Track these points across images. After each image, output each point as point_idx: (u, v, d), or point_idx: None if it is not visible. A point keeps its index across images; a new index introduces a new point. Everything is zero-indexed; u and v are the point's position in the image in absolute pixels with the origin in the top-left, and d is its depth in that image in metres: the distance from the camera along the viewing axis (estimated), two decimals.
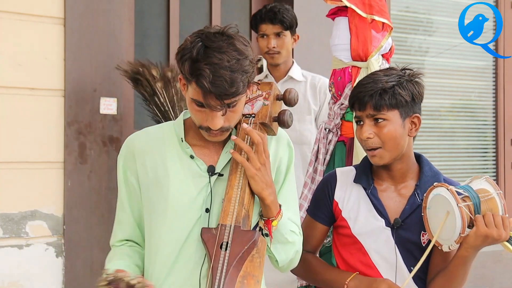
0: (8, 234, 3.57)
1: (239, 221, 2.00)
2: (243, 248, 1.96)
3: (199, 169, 2.10)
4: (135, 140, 2.17)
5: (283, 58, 3.79)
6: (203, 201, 2.07)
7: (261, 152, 2.04)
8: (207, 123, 2.00)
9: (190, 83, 1.97)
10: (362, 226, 2.38)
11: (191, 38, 1.98)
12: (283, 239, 2.13)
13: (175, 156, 2.11)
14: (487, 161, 6.00)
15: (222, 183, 2.09)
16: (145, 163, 2.12)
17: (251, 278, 1.97)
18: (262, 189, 2.04)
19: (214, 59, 1.92)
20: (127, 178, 2.16)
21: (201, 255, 2.05)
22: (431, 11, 5.75)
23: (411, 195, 2.38)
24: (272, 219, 2.07)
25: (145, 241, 2.16)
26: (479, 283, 5.55)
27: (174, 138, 2.14)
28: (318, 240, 2.52)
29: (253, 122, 2.10)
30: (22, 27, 3.63)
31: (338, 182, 2.46)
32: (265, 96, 2.11)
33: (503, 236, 2.17)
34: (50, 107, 3.70)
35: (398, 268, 2.34)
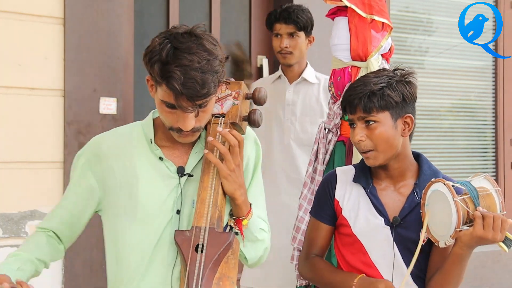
0: (7, 234, 3.57)
1: (213, 222, 1.99)
2: (218, 250, 1.95)
3: (169, 170, 2.08)
4: (102, 142, 2.13)
5: (296, 59, 3.77)
6: (174, 203, 2.06)
7: (237, 153, 2.03)
8: (179, 124, 1.98)
9: (160, 85, 1.95)
10: (362, 225, 2.38)
11: (159, 40, 1.96)
12: (253, 237, 2.14)
13: (143, 158, 2.08)
14: (486, 161, 6.00)
15: (192, 184, 2.07)
16: (113, 165, 2.08)
17: (226, 280, 1.97)
18: (235, 189, 2.03)
19: (184, 61, 1.90)
20: (85, 177, 2.11)
21: (173, 257, 2.04)
22: (430, 11, 5.75)
23: (410, 194, 2.38)
24: (243, 218, 2.07)
25: (107, 245, 2.13)
26: (479, 283, 5.55)
27: (143, 139, 2.11)
28: (324, 241, 2.51)
29: (223, 122, 2.09)
30: (22, 27, 3.63)
31: (338, 181, 2.47)
32: (234, 96, 2.11)
33: (498, 238, 2.17)
34: (50, 107, 3.70)
35: (397, 266, 2.35)
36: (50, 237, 2.15)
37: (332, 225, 2.49)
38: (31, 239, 2.15)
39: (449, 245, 2.26)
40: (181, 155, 2.11)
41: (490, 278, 5.64)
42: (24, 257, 2.07)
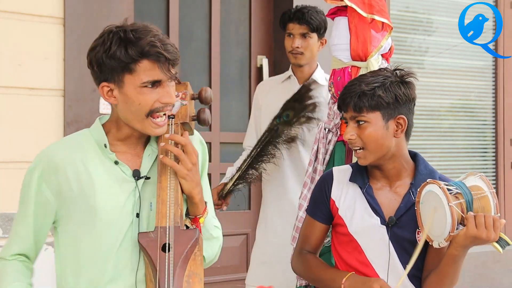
0: (7, 233, 3.57)
1: (176, 221, 1.99)
2: (186, 248, 1.96)
3: (124, 174, 2.06)
4: (54, 153, 2.09)
5: (306, 59, 3.78)
6: (133, 207, 2.05)
7: (191, 152, 2.04)
8: (164, 100, 2.00)
9: (135, 68, 1.97)
10: (358, 225, 2.39)
11: (106, 35, 2.00)
12: (209, 235, 2.15)
13: (98, 164, 2.06)
14: (486, 161, 6.00)
15: (148, 187, 2.07)
16: (68, 175, 2.05)
17: (195, 277, 1.97)
18: (193, 188, 2.04)
19: (153, 32, 1.97)
20: (41, 191, 2.06)
21: (136, 261, 2.03)
22: (430, 11, 5.76)
23: (406, 193, 2.39)
24: (200, 217, 2.07)
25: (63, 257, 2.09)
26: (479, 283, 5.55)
27: (94, 146, 2.08)
28: (318, 239, 2.52)
29: (174, 123, 2.09)
30: (21, 27, 3.63)
31: (335, 181, 2.47)
32: (181, 97, 2.11)
33: (492, 237, 2.17)
34: (50, 107, 3.70)
35: (392, 266, 2.35)
36: (23, 261, 2.12)
37: (327, 224, 2.50)
38: (9, 269, 2.10)
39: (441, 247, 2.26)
40: (134, 159, 2.10)
41: (490, 278, 5.65)
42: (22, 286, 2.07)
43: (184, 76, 4.48)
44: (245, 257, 4.73)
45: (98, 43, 2.02)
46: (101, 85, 2.03)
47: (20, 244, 2.12)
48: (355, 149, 2.40)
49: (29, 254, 2.13)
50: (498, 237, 2.18)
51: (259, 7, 4.84)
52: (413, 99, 2.41)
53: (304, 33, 3.74)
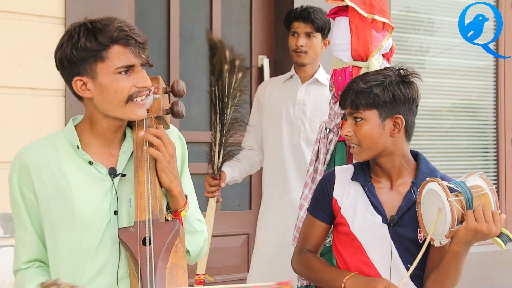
0: (8, 233, 3.57)
1: (156, 214, 1.99)
2: (166, 239, 1.95)
3: (100, 173, 2.06)
4: (28, 154, 2.09)
5: (310, 59, 3.80)
6: (110, 205, 2.05)
7: (168, 144, 2.05)
8: (139, 84, 2.01)
9: (106, 55, 1.98)
10: (360, 223, 2.40)
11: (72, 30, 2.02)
12: (192, 229, 2.15)
13: (72, 165, 2.06)
14: (488, 161, 6.00)
15: (125, 184, 2.07)
16: (42, 176, 2.06)
17: (178, 269, 1.97)
18: (171, 181, 2.05)
19: (118, 19, 2.01)
20: (24, 194, 2.08)
21: (116, 258, 2.03)
22: (431, 11, 5.75)
23: (407, 192, 2.40)
24: (181, 210, 2.08)
25: (49, 256, 2.10)
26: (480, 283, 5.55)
27: (68, 146, 2.08)
28: (319, 238, 2.53)
29: (147, 117, 2.10)
30: (22, 27, 3.63)
31: (337, 180, 2.49)
32: (154, 91, 2.11)
33: (493, 231, 2.17)
34: (51, 107, 3.70)
35: (394, 265, 2.36)
36: (38, 267, 2.13)
37: (328, 224, 2.50)
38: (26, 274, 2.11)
39: (447, 244, 2.26)
40: (109, 157, 2.10)
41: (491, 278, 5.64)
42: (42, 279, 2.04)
43: (184, 76, 4.48)
44: (246, 257, 4.73)
45: (64, 40, 2.03)
46: (73, 80, 2.04)
47: (27, 250, 2.12)
48: (351, 145, 2.43)
49: (42, 259, 2.13)
50: (499, 231, 2.18)
51: (260, 7, 4.84)
52: (414, 99, 2.42)
53: (308, 33, 3.76)
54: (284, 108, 3.83)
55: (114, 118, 2.05)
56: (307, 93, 3.82)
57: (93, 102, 2.05)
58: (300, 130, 3.78)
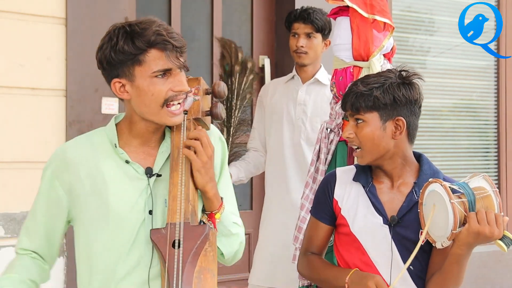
0: (9, 233, 3.57)
1: (187, 217, 1.99)
2: (195, 243, 1.95)
3: (136, 172, 2.07)
4: (67, 151, 2.12)
5: (310, 59, 3.81)
6: (145, 204, 2.06)
7: (206, 144, 2.05)
8: (176, 88, 2.01)
9: (144, 59, 1.99)
10: (361, 224, 2.39)
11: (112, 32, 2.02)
12: (227, 232, 2.14)
13: (110, 163, 2.08)
14: (489, 160, 6.00)
15: (162, 184, 2.08)
16: (80, 173, 2.08)
17: (207, 273, 1.97)
18: (206, 182, 2.04)
19: (157, 22, 2.01)
20: (54, 188, 2.10)
21: (149, 258, 2.04)
22: (432, 11, 5.75)
23: (409, 193, 2.39)
24: (215, 212, 2.07)
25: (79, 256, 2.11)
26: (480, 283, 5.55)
27: (107, 144, 2.11)
28: (322, 240, 2.52)
29: (186, 119, 2.10)
30: (23, 27, 3.63)
31: (338, 181, 2.48)
32: (194, 92, 2.11)
33: (495, 233, 2.16)
34: (52, 107, 3.71)
35: (395, 265, 2.35)
36: (34, 258, 2.15)
37: (331, 225, 2.50)
38: (16, 262, 2.14)
39: (449, 246, 2.26)
40: (147, 157, 2.11)
41: (491, 278, 5.64)
42: (16, 278, 2.08)
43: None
44: (247, 257, 4.73)
45: (105, 41, 2.03)
46: (112, 81, 2.05)
47: (30, 238, 2.15)
48: (354, 147, 2.42)
49: (42, 253, 2.15)
50: (502, 234, 2.17)
51: (260, 8, 4.84)
52: (415, 101, 2.40)
53: (309, 33, 3.77)
54: (285, 108, 3.84)
55: (151, 121, 2.07)
56: (308, 93, 3.82)
57: (131, 103, 2.07)
58: (301, 130, 3.78)
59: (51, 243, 2.15)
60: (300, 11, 3.81)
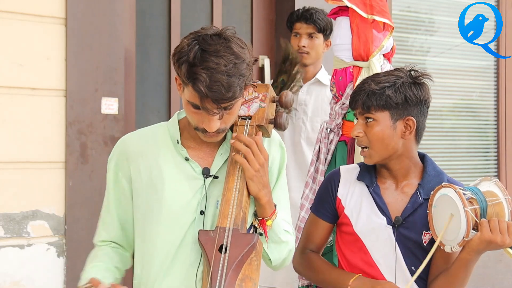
0: (9, 234, 3.57)
1: (237, 223, 1.99)
2: (242, 251, 1.96)
3: (194, 171, 2.09)
4: (128, 142, 2.16)
5: (312, 59, 3.81)
6: (198, 204, 2.07)
7: (258, 153, 2.04)
8: (204, 125, 2.00)
9: (186, 86, 1.97)
10: (364, 224, 2.38)
11: (188, 41, 1.99)
12: (277, 239, 2.13)
13: (169, 158, 2.10)
14: (488, 161, 5.99)
15: (217, 186, 2.09)
16: (139, 165, 2.11)
17: (249, 281, 1.97)
18: (260, 189, 2.05)
19: (211, 63, 1.92)
20: (118, 179, 2.15)
21: (196, 257, 2.05)
22: (432, 11, 5.75)
23: (413, 194, 2.38)
24: (267, 219, 2.08)
25: (136, 245, 2.16)
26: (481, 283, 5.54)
27: (168, 139, 2.13)
28: (321, 238, 2.51)
29: (249, 124, 2.10)
30: (23, 27, 3.63)
31: (342, 179, 2.47)
32: (261, 98, 2.11)
33: (506, 242, 2.17)
34: (52, 107, 3.70)
35: (398, 267, 2.34)
36: (114, 247, 2.20)
37: (331, 223, 2.49)
38: (99, 252, 2.20)
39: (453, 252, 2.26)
40: (206, 157, 2.12)
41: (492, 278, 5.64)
42: (102, 266, 2.13)
43: None
44: None
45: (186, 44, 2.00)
46: (175, 75, 2.05)
47: (106, 230, 2.20)
48: (362, 147, 2.40)
49: (120, 242, 2.20)
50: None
51: (260, 7, 4.84)
52: (426, 102, 2.40)
53: (310, 33, 3.77)
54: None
55: None
56: (309, 93, 3.83)
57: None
58: (301, 130, 3.79)
59: (126, 231, 2.19)
60: (302, 11, 3.81)
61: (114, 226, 2.19)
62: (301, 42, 3.78)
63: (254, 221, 2.09)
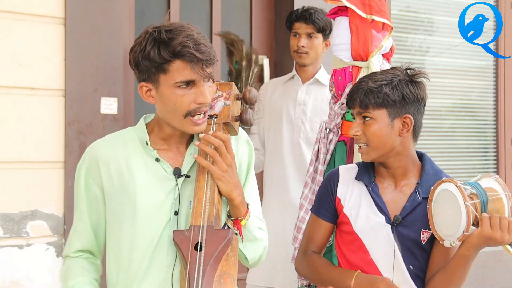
0: (8, 234, 3.57)
1: (211, 220, 2.00)
2: (218, 247, 1.96)
3: (165, 172, 2.09)
4: (98, 148, 2.15)
5: (311, 59, 3.81)
6: (172, 204, 2.07)
7: (225, 154, 2.05)
8: (199, 100, 2.01)
9: (168, 68, 1.99)
10: (363, 223, 2.39)
11: (143, 36, 2.02)
12: (252, 237, 2.14)
13: (140, 161, 2.10)
14: (487, 161, 6.00)
15: (189, 185, 2.09)
16: (110, 170, 2.10)
17: (227, 277, 1.97)
18: (231, 190, 2.05)
19: (187, 32, 1.99)
20: (89, 186, 2.14)
21: (173, 258, 2.05)
22: (431, 11, 5.75)
23: (412, 193, 2.39)
24: (241, 219, 2.08)
25: (110, 251, 2.14)
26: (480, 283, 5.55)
27: (137, 143, 2.13)
28: (323, 238, 2.52)
29: (215, 123, 2.11)
30: (22, 26, 3.63)
31: (341, 179, 2.48)
32: (225, 97, 2.13)
33: (506, 239, 2.17)
34: (51, 107, 3.70)
35: (397, 265, 2.35)
36: (87, 258, 2.19)
37: (332, 223, 2.49)
38: (74, 265, 2.17)
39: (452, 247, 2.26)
40: (176, 157, 2.13)
41: (491, 278, 5.64)
42: (85, 281, 2.12)
43: None
44: None
45: (137, 43, 2.04)
46: (140, 85, 2.07)
47: (80, 239, 2.18)
48: (359, 145, 2.41)
49: (92, 250, 2.19)
50: (511, 240, 2.18)
51: (259, 7, 4.84)
52: (422, 99, 2.42)
53: (310, 33, 3.77)
54: (285, 108, 3.84)
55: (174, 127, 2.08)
56: (308, 93, 3.82)
57: (156, 108, 2.09)
58: (300, 130, 3.78)
59: (98, 238, 2.19)
60: (301, 11, 3.80)
61: (88, 234, 2.17)
62: (300, 42, 3.78)
63: (228, 221, 2.09)
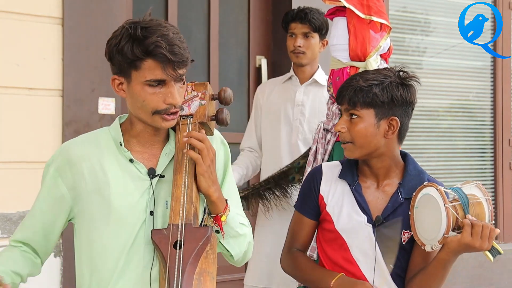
0: (6, 234, 3.57)
1: (189, 219, 2.01)
2: (197, 245, 1.97)
3: (139, 172, 2.09)
4: (70, 148, 2.13)
5: (308, 59, 3.80)
6: (147, 204, 2.07)
7: (210, 148, 2.06)
8: (168, 100, 2.01)
9: (140, 65, 1.99)
10: (345, 222, 2.41)
11: (120, 30, 2.03)
12: (234, 233, 2.15)
13: (113, 161, 2.09)
14: (485, 161, 6.00)
15: (164, 185, 2.09)
16: (83, 170, 2.09)
17: (206, 275, 1.98)
18: (209, 186, 2.05)
19: (162, 31, 1.98)
20: (57, 186, 2.11)
21: (150, 258, 2.05)
22: (429, 11, 5.76)
23: (394, 193, 2.41)
24: (221, 215, 2.08)
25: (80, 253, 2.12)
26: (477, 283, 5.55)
27: (111, 143, 2.12)
28: (307, 236, 2.54)
29: (191, 122, 2.12)
30: (20, 27, 3.63)
31: (324, 176, 2.49)
32: (200, 96, 2.14)
33: (484, 247, 2.20)
34: (48, 107, 3.70)
35: (378, 265, 2.37)
36: (25, 251, 2.14)
37: (316, 220, 2.51)
38: (4, 253, 2.14)
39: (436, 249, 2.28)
40: (151, 158, 2.12)
41: (488, 278, 5.65)
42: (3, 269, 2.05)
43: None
44: None
45: (113, 36, 2.05)
46: (112, 77, 2.08)
47: (23, 232, 2.15)
48: (344, 142, 2.42)
49: (35, 246, 2.15)
50: (490, 247, 2.20)
51: (257, 8, 4.84)
52: (411, 103, 2.42)
53: (306, 33, 3.77)
54: (283, 109, 3.84)
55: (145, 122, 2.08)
56: (306, 94, 3.82)
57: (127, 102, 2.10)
58: (298, 131, 3.78)
59: (48, 238, 2.15)
60: (297, 11, 3.80)
61: (33, 231, 2.13)
62: (297, 42, 3.78)
63: (208, 219, 2.09)
